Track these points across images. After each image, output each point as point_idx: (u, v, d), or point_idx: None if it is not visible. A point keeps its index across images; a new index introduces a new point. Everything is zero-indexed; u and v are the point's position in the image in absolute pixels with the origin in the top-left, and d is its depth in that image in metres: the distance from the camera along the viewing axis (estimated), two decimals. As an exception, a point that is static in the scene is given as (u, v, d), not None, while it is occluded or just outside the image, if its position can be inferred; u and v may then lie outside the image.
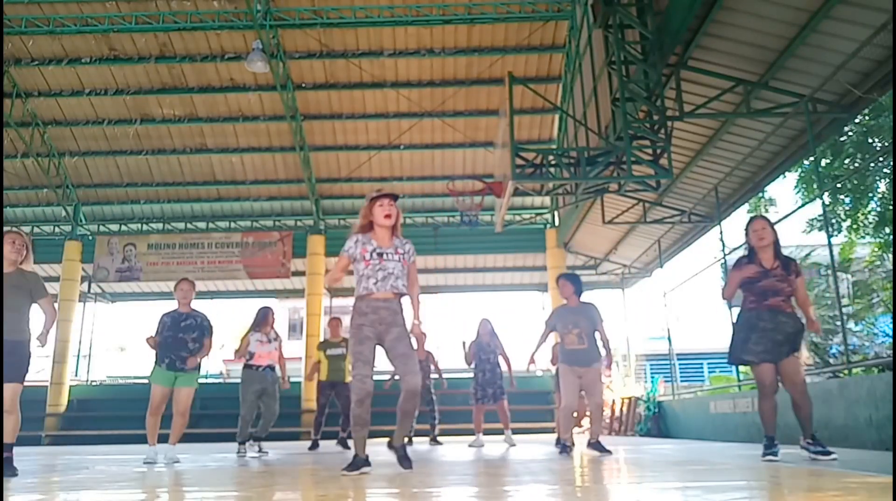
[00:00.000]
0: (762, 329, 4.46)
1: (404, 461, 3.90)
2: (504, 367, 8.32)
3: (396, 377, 8.48)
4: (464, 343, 8.53)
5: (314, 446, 8.01)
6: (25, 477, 4.11)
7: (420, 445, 8.73)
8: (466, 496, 2.86)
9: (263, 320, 7.11)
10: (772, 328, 4.44)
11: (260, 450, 6.95)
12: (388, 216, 3.86)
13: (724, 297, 4.84)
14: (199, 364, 5.85)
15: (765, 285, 4.52)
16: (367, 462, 3.78)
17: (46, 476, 4.20)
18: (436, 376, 9.30)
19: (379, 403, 8.21)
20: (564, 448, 5.71)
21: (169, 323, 5.79)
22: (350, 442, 7.91)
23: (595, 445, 5.75)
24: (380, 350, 3.92)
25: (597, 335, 5.75)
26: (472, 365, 8.37)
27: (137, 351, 30.74)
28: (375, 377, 3.85)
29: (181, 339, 5.71)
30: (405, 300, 3.96)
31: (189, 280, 6.04)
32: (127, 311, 27.50)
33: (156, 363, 5.76)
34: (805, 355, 4.51)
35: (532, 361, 6.04)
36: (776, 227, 4.75)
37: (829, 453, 4.32)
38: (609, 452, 5.62)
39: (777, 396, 4.53)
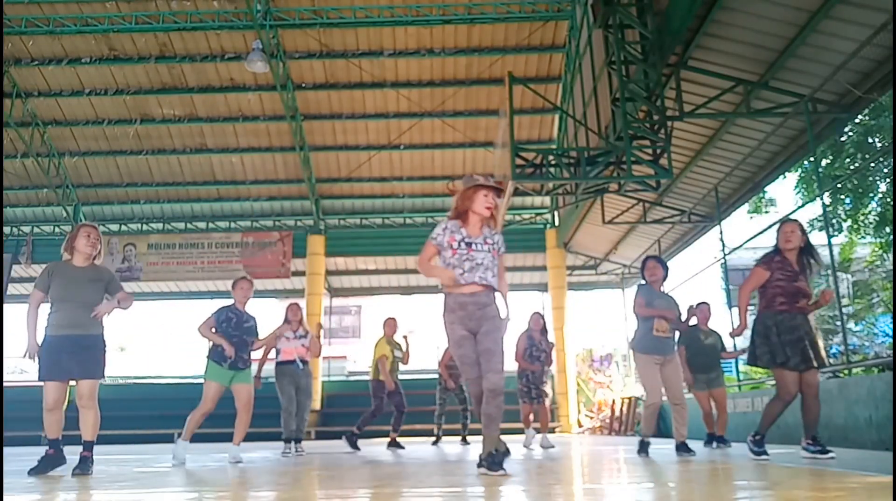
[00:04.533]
0: (802, 332, 4.28)
1: (495, 465, 3.45)
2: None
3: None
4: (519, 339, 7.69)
5: (355, 442, 7.72)
6: (25, 477, 4.11)
7: (451, 444, 8.68)
8: (469, 496, 2.86)
9: (292, 317, 7.15)
10: (808, 332, 4.31)
11: (297, 451, 6.87)
12: (488, 208, 3.65)
13: (741, 295, 4.52)
14: (250, 363, 5.75)
15: (800, 286, 4.38)
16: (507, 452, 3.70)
17: (46, 476, 4.20)
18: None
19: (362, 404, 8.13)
20: (645, 446, 5.16)
21: (235, 322, 5.58)
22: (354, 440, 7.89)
23: (681, 446, 5.15)
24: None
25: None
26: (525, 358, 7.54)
27: (138, 351, 30.76)
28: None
29: (244, 341, 5.58)
30: (497, 296, 3.69)
31: (249, 279, 5.86)
32: (127, 311, 27.43)
33: (213, 360, 5.52)
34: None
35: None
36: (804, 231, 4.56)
37: (827, 452, 4.30)
38: (693, 452, 5.13)
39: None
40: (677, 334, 5.49)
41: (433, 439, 9.05)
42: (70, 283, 4.21)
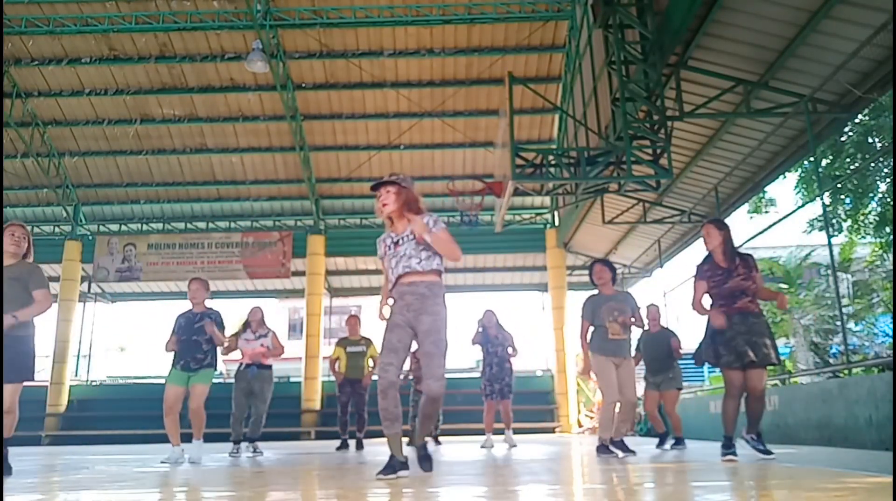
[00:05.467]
0: (735, 332, 4.36)
1: (424, 461, 3.68)
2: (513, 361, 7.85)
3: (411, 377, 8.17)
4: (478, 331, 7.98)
5: (343, 446, 7.88)
6: (25, 477, 4.11)
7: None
8: (469, 496, 2.86)
9: (251, 317, 7.20)
10: (745, 331, 4.35)
11: (255, 451, 6.93)
12: (384, 205, 3.69)
13: (694, 309, 4.62)
14: (214, 363, 5.71)
15: (732, 287, 4.46)
16: (404, 465, 3.45)
17: (46, 476, 4.20)
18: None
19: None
20: (606, 448, 5.23)
21: (183, 324, 5.67)
22: (364, 443, 7.87)
23: (619, 443, 5.33)
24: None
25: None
26: (478, 348, 7.90)
27: (138, 351, 30.77)
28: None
29: (195, 341, 5.61)
30: (438, 286, 3.65)
31: (200, 279, 5.91)
32: (127, 311, 27.50)
33: (172, 365, 5.67)
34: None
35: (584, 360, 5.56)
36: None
37: (770, 452, 4.40)
38: (633, 452, 5.26)
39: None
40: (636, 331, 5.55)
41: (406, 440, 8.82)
42: None
